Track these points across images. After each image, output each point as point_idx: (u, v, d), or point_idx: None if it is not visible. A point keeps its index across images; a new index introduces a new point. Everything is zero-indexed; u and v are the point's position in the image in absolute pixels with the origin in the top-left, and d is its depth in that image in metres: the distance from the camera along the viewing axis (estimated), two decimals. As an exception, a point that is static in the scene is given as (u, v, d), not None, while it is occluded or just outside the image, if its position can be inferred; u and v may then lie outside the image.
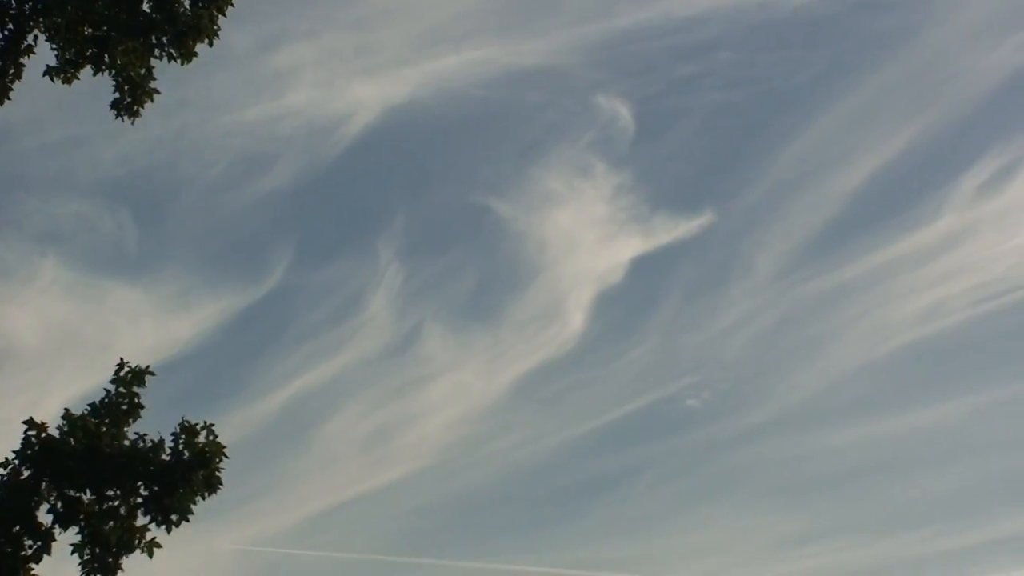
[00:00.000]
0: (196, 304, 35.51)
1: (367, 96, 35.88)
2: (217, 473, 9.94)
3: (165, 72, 11.13)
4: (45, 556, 9.83)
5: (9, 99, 11.13)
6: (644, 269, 38.75)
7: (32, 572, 9.82)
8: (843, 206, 39.83)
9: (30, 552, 9.89)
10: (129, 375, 10.18)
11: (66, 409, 9.98)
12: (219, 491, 10.05)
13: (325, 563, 33.27)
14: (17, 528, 9.83)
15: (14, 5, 10.95)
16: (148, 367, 10.26)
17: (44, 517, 9.89)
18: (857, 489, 38.13)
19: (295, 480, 34.89)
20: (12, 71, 11.02)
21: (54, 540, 9.91)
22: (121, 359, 10.16)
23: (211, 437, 9.99)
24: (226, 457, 9.98)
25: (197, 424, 10.07)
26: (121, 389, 10.12)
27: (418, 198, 40.69)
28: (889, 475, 38.38)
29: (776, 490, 38.42)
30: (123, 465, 9.86)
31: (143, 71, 11.01)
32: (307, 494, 34.51)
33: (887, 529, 36.77)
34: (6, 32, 10.91)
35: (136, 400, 10.15)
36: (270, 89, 36.60)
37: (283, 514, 33.44)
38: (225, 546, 30.57)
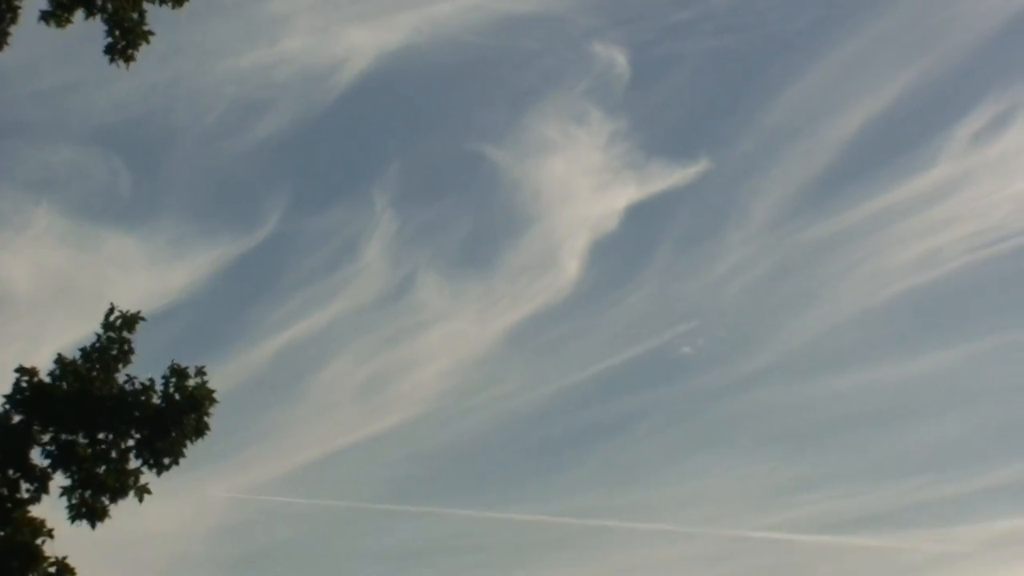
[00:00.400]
0: (191, 252, 35.70)
1: (362, 42, 35.86)
2: (206, 418, 9.92)
3: (158, 17, 11.00)
4: (43, 497, 9.97)
5: (8, 44, 11.10)
6: (639, 217, 38.65)
7: (28, 514, 9.93)
8: (839, 153, 39.58)
9: (27, 495, 10.01)
10: (119, 320, 10.15)
11: (58, 354, 10.01)
12: (209, 436, 10.05)
13: (319, 511, 33.91)
14: (12, 471, 9.95)
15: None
16: (139, 312, 10.24)
17: (39, 460, 9.99)
18: (854, 437, 38.32)
19: (289, 428, 35.21)
20: (9, 15, 10.97)
21: (50, 480, 10.00)
22: (111, 304, 10.13)
23: (202, 381, 9.98)
24: (216, 401, 9.96)
25: (188, 368, 10.05)
26: (111, 334, 10.11)
27: (413, 145, 40.64)
28: (886, 423, 38.24)
29: (772, 438, 38.36)
30: (114, 408, 9.87)
31: (136, 15, 10.90)
32: (301, 442, 34.96)
33: (884, 477, 36.98)
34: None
35: (126, 345, 10.14)
36: (265, 35, 36.72)
37: (277, 462, 33.81)
38: (219, 494, 30.97)
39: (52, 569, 9.83)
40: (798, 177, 39.39)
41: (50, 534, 9.73)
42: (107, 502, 9.87)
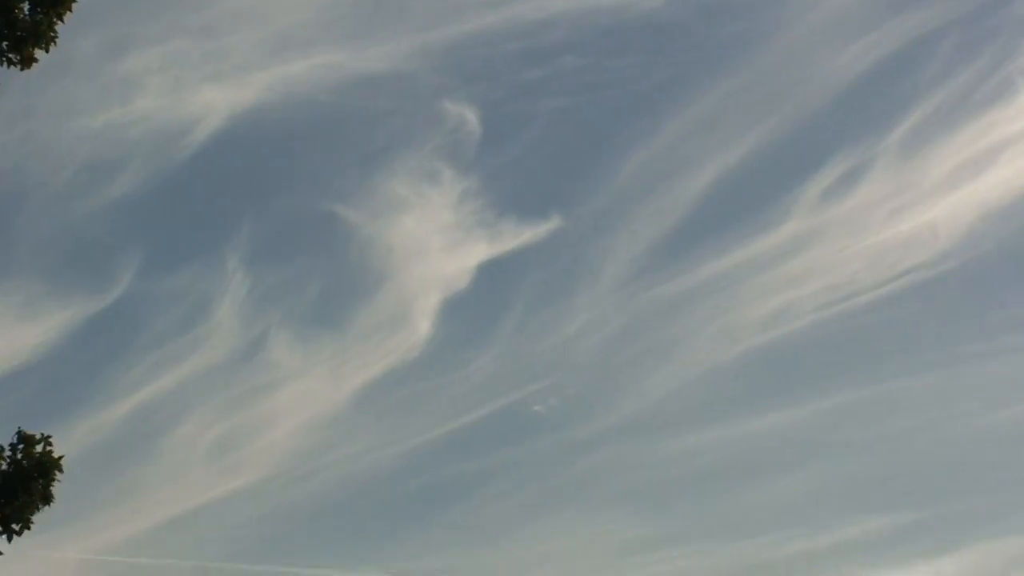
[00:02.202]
0: (42, 313, 35.66)
1: (215, 101, 36.58)
2: (51, 487, 10.07)
3: (8, 77, 11.03)
4: None
5: None
6: (491, 275, 39.03)
7: None
8: (690, 211, 40.38)
9: None
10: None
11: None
12: (59, 498, 10.19)
13: (171, 571, 33.97)
14: None
15: None
16: (-17, 379, 10.34)
17: None
18: (705, 494, 38.55)
19: (142, 489, 35.17)
20: None
21: None
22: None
23: (47, 448, 10.12)
24: (61, 470, 10.11)
25: (35, 435, 10.17)
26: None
27: (265, 204, 41.06)
28: (737, 479, 38.79)
29: (624, 496, 38.57)
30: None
31: (-18, 74, 10.90)
32: (154, 502, 34.78)
33: (736, 534, 37.05)
34: None
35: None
36: (117, 95, 36.83)
37: (130, 523, 33.80)
38: (71, 555, 30.93)
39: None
40: (649, 235, 40.21)
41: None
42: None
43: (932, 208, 39.43)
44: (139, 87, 36.31)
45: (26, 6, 10.85)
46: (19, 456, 10.11)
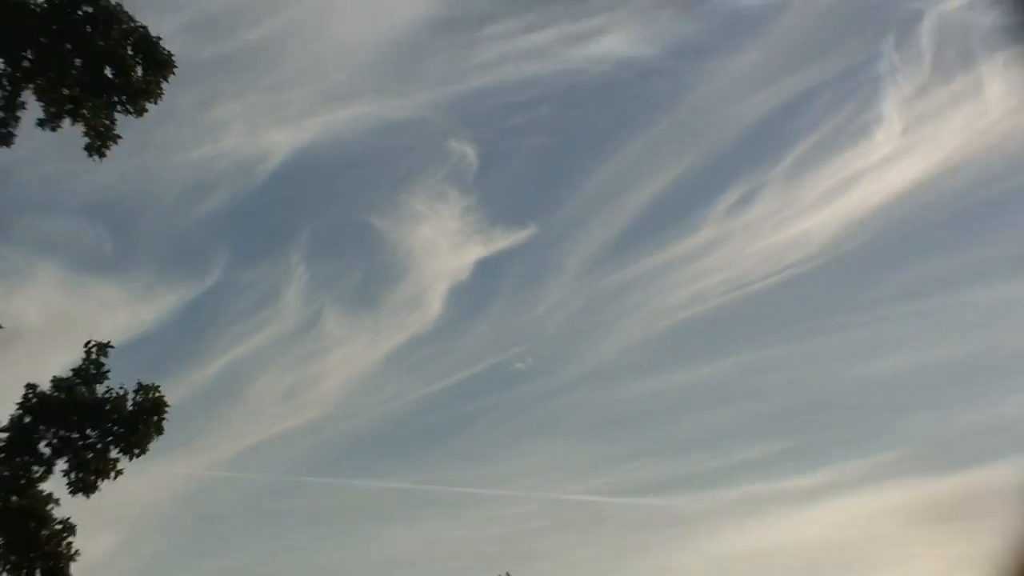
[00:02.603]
0: (157, 296, 45.87)
1: (280, 141, 47.78)
2: (162, 422, 13.92)
3: (126, 123, 14.84)
4: (49, 477, 13.94)
5: (13, 142, 14.84)
6: (485, 269, 50.54)
7: (39, 488, 13.90)
8: (631, 221, 52.92)
9: (36, 475, 13.98)
10: (95, 348, 14.11)
11: (54, 376, 13.98)
12: (168, 431, 14.09)
13: (253, 482, 45.71)
14: (26, 457, 13.91)
15: (10, 71, 14.66)
16: (108, 342, 14.22)
17: (44, 450, 13.98)
18: (645, 426, 51.96)
19: (232, 423, 46.04)
20: (13, 121, 14.73)
21: (54, 464, 13.96)
22: (89, 339, 14.13)
23: (158, 395, 13.97)
24: (168, 407, 13.98)
25: (150, 385, 14.03)
26: (93, 358, 14.06)
27: (319, 216, 53.48)
28: (669, 416, 53.31)
29: (584, 428, 51.80)
30: (97, 413, 13.86)
31: (107, 122, 14.69)
32: (241, 433, 45.52)
33: (668, 455, 51.27)
34: (5, 91, 14.62)
35: (102, 367, 14.08)
36: (208, 136, 47.96)
37: (222, 448, 44.53)
38: (179, 471, 39.95)
39: (59, 527, 13.84)
40: (601, 239, 52.53)
41: (56, 502, 13.71)
42: (96, 480, 13.88)
43: (807, 220, 52.17)
44: (225, 130, 47.19)
45: (139, 70, 14.63)
46: (139, 400, 13.99)
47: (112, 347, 14.29)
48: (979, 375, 51.78)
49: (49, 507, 13.85)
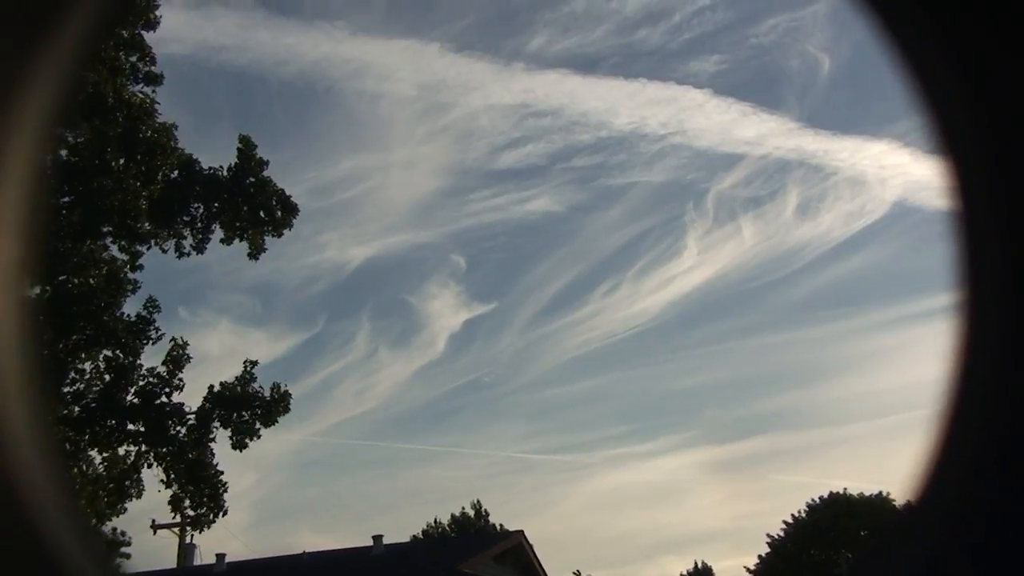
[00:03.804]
0: (285, 339, 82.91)
1: (357, 254, 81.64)
2: (288, 406, 23.60)
3: (271, 242, 25.34)
4: (215, 441, 23.56)
5: (204, 252, 25.34)
6: (469, 325, 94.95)
7: (210, 447, 23.43)
8: (550, 299, 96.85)
9: (209, 439, 23.51)
10: (249, 364, 24.01)
11: (223, 381, 23.83)
12: (289, 413, 23.72)
13: (335, 445, 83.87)
14: (203, 430, 23.50)
15: (205, 211, 25.31)
16: (256, 361, 24.12)
17: (216, 425, 23.59)
18: (556, 415, 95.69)
19: (325, 410, 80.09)
20: (207, 240, 25.28)
21: (217, 431, 23.56)
22: (245, 360, 24.08)
23: (285, 391, 23.71)
24: (291, 397, 23.67)
25: (280, 385, 23.82)
26: (248, 370, 23.92)
27: (377, 295, 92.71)
28: (569, 409, 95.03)
29: (522, 415, 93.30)
30: (248, 401, 23.55)
31: (260, 241, 25.14)
32: (330, 416, 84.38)
33: (568, 431, 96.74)
34: (203, 223, 25.24)
35: (252, 376, 23.90)
36: (316, 251, 74.74)
37: (319, 424, 78.46)
38: (295, 437, 74.28)
39: (216, 470, 23.26)
40: (534, 309, 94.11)
41: (214, 455, 23.19)
42: (245, 440, 23.41)
43: (646, 301, 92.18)
44: (325, 247, 75.54)
45: (278, 212, 25.19)
46: (273, 394, 23.72)
47: (257, 363, 24.25)
48: (743, 388, 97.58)
49: (211, 458, 23.35)
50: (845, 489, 71.58)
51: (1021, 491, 1.37)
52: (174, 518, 28.07)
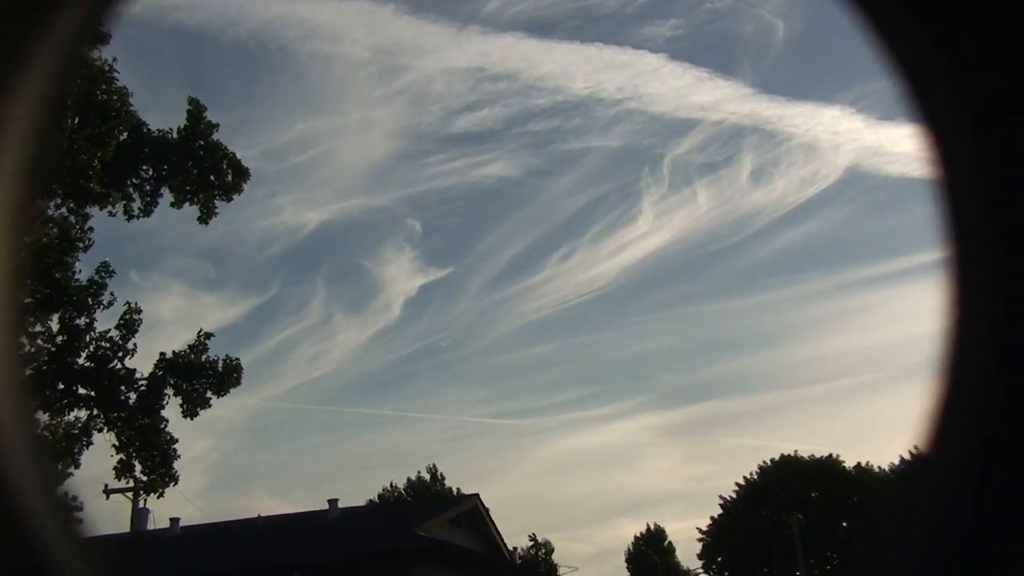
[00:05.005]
0: (239, 303, 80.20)
1: (312, 218, 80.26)
2: (239, 377, 23.41)
3: (221, 206, 24.92)
4: (166, 407, 23.32)
5: (152, 214, 24.91)
6: (425, 290, 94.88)
7: (161, 414, 23.18)
8: (506, 265, 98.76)
9: (160, 406, 23.27)
10: (203, 334, 23.74)
11: (174, 349, 23.53)
12: (241, 384, 23.53)
13: (289, 410, 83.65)
14: (154, 396, 23.21)
15: (154, 175, 24.82)
16: (211, 333, 23.85)
17: (167, 392, 23.33)
18: (510, 379, 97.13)
19: (279, 376, 79.40)
20: (154, 205, 24.82)
21: (170, 400, 23.33)
22: (200, 328, 23.78)
23: (236, 361, 23.51)
24: (242, 369, 23.48)
25: (231, 357, 23.59)
26: (201, 339, 23.66)
27: (333, 259, 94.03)
28: (524, 373, 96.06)
29: (477, 380, 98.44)
30: (200, 370, 23.31)
31: (210, 205, 24.74)
32: (283, 381, 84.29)
33: (523, 394, 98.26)
34: (151, 187, 24.76)
35: (206, 345, 23.65)
36: (271, 214, 76.89)
37: (273, 389, 78.85)
38: (248, 402, 70.72)
39: (168, 437, 23.03)
40: (489, 274, 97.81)
41: (167, 421, 23.00)
42: (197, 409, 23.20)
43: (602, 266, 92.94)
44: (280, 211, 77.71)
45: (229, 175, 24.74)
46: (225, 364, 23.49)
47: (212, 335, 23.98)
48: (696, 353, 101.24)
49: (163, 424, 23.13)
50: (796, 451, 72.87)
51: (1017, 456, 1.36)
52: (126, 483, 27.79)
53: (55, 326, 22.83)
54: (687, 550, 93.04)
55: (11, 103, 1.46)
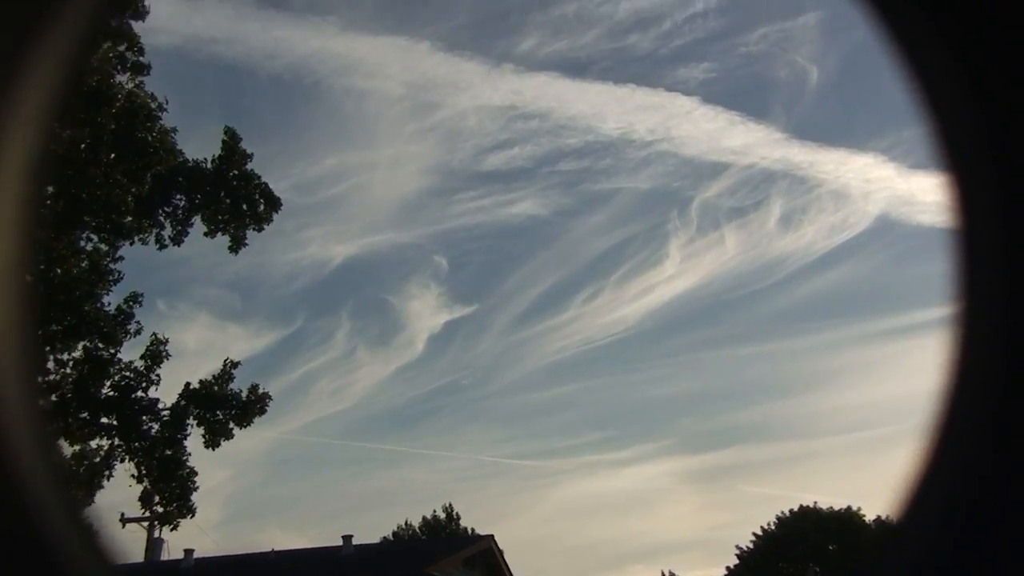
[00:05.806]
0: (265, 334, 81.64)
1: (340, 252, 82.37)
2: (265, 408, 23.18)
3: (252, 236, 24.87)
4: (188, 437, 23.10)
5: (182, 244, 24.87)
6: (449, 327, 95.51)
7: (184, 444, 22.96)
8: (531, 304, 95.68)
9: (182, 437, 23.06)
10: (229, 363, 23.56)
11: (201, 379, 23.37)
12: (266, 415, 23.31)
13: (310, 443, 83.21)
14: (178, 427, 23.03)
15: (186, 204, 24.82)
16: (238, 362, 23.68)
17: (191, 422, 23.13)
18: (531, 420, 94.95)
19: (301, 408, 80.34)
20: (185, 233, 24.78)
21: (193, 428, 23.12)
22: (226, 357, 23.63)
23: (264, 392, 23.30)
24: (270, 399, 23.27)
25: (257, 386, 23.40)
26: (227, 368, 23.48)
27: (359, 293, 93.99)
28: (545, 414, 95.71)
29: (498, 419, 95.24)
30: (224, 401, 23.12)
31: (241, 235, 24.68)
32: (305, 414, 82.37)
33: (543, 436, 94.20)
34: (183, 215, 24.74)
35: (231, 375, 23.47)
36: (299, 246, 76.19)
37: (294, 422, 79.46)
38: (269, 435, 72.05)
39: (189, 469, 22.79)
40: (514, 313, 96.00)
41: (189, 454, 22.75)
42: (219, 440, 22.97)
43: (627, 308, 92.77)
44: (309, 243, 76.30)
45: (261, 206, 24.72)
46: (250, 394, 23.29)
47: (239, 364, 23.82)
48: (719, 398, 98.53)
49: (185, 456, 22.90)
50: (815, 503, 71.98)
51: (1015, 501, 1.36)
52: (144, 513, 27.52)
53: (79, 355, 22.75)
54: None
55: (16, 99, 1.46)
